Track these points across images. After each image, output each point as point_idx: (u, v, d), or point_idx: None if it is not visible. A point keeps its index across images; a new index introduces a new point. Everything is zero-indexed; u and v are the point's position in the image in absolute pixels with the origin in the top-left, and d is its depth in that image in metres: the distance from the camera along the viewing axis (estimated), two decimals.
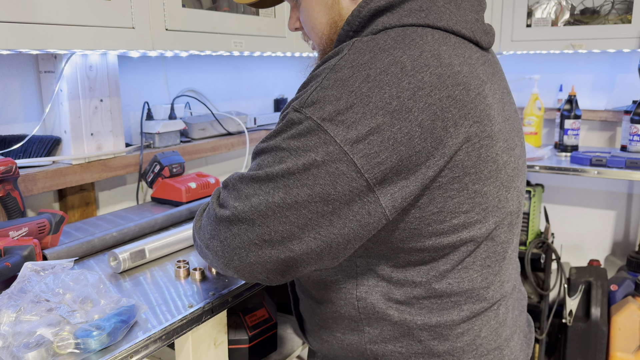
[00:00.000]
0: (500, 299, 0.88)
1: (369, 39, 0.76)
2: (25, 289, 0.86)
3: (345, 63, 0.74)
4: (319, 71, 0.77)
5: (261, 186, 0.76)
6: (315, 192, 0.72)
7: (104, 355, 0.80)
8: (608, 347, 2.11)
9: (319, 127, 0.72)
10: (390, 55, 0.73)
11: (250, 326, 1.30)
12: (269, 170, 0.75)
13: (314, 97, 0.73)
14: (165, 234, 1.24)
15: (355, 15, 0.82)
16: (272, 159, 0.76)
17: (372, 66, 0.72)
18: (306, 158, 0.72)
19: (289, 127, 0.75)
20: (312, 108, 0.73)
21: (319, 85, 0.74)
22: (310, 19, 0.91)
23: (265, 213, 0.75)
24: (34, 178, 1.35)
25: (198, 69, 1.97)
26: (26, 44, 1.05)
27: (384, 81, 0.71)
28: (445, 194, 0.76)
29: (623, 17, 2.27)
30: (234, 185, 0.80)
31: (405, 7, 0.79)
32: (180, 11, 1.35)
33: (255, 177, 0.77)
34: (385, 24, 0.79)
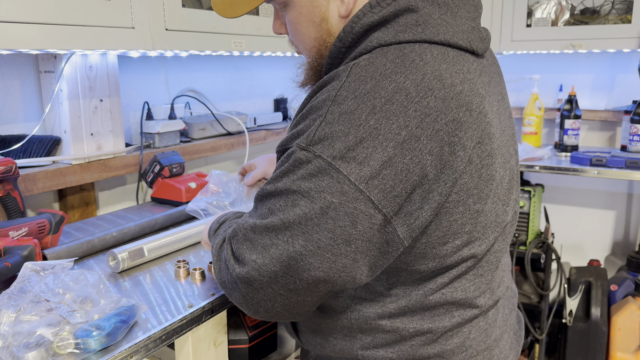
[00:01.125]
0: (492, 304, 0.89)
1: (366, 64, 0.73)
2: (25, 289, 0.86)
3: (347, 93, 0.71)
4: (319, 103, 0.73)
5: (278, 235, 0.73)
6: (337, 234, 0.70)
7: (104, 355, 0.80)
8: (608, 347, 2.11)
9: (330, 166, 0.69)
10: (393, 82, 0.70)
11: (250, 326, 1.30)
12: (284, 216, 0.72)
13: (320, 133, 0.71)
14: (164, 233, 1.24)
15: (348, 31, 0.78)
16: (284, 203, 0.72)
17: (377, 95, 0.70)
18: (322, 201, 0.70)
19: (297, 167, 0.72)
20: (321, 146, 0.70)
21: (323, 120, 0.71)
22: (298, 34, 0.88)
23: (287, 263, 0.72)
24: (34, 178, 1.35)
25: (198, 69, 1.97)
26: (26, 43, 1.05)
27: (391, 111, 0.69)
28: (450, 218, 0.75)
29: (623, 17, 2.27)
30: (247, 235, 0.76)
31: (400, 21, 0.76)
32: (180, 11, 1.35)
33: (270, 226, 0.73)
34: (380, 41, 0.75)
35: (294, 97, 2.50)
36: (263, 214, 0.75)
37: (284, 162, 0.76)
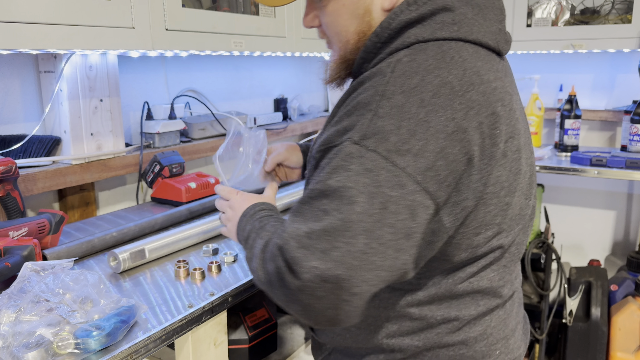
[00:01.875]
0: (510, 295, 0.92)
1: (409, 60, 0.75)
2: (25, 289, 0.86)
3: (395, 88, 0.72)
4: (366, 98, 0.73)
5: (337, 237, 0.69)
6: (398, 229, 0.70)
7: (104, 355, 0.80)
8: (608, 347, 2.11)
9: (386, 160, 0.70)
10: (438, 77, 0.73)
11: (250, 326, 1.30)
12: (342, 216, 0.69)
13: (373, 128, 0.71)
14: (165, 234, 1.24)
15: (385, 27, 0.80)
16: (340, 202, 0.70)
17: (424, 89, 0.71)
18: (381, 196, 0.69)
19: (350, 163, 0.71)
20: (374, 140, 0.70)
21: (374, 115, 0.71)
22: (336, 25, 0.88)
23: (351, 265, 0.69)
24: (34, 178, 1.35)
25: (198, 69, 1.97)
26: (26, 43, 1.05)
27: (438, 104, 0.71)
28: (486, 209, 0.77)
29: (623, 17, 2.27)
30: (301, 242, 0.70)
31: (436, 19, 0.78)
32: (180, 11, 1.35)
33: (329, 228, 0.69)
34: (418, 37, 0.78)
35: (294, 97, 2.50)
36: (317, 217, 0.71)
37: (332, 158, 0.73)
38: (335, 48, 0.91)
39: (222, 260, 1.18)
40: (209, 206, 1.55)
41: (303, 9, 0.97)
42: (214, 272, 1.12)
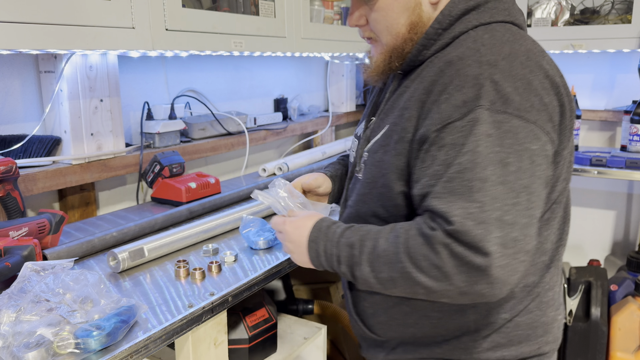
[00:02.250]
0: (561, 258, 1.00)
1: (490, 36, 0.83)
2: (26, 289, 0.86)
3: (495, 57, 0.80)
4: (470, 72, 0.79)
5: (505, 201, 0.73)
6: (543, 179, 0.78)
7: (104, 355, 0.80)
8: (608, 347, 2.11)
9: (520, 118, 0.76)
10: (522, 45, 0.83)
11: (250, 326, 1.30)
12: (502, 179, 0.74)
13: (495, 93, 0.77)
14: (165, 233, 1.24)
15: (447, 14, 0.88)
16: (494, 167, 0.74)
17: (518, 54, 0.81)
18: (527, 152, 0.76)
19: (488, 128, 0.75)
20: (501, 103, 0.77)
21: (491, 81, 0.77)
22: (387, 19, 0.92)
23: (522, 224, 0.74)
24: (34, 178, 1.35)
25: (198, 69, 1.97)
26: (26, 43, 1.05)
27: (533, 65, 0.81)
28: (564, 163, 0.88)
29: (623, 17, 2.27)
30: (477, 217, 0.72)
31: (489, 6, 0.88)
32: (180, 11, 1.35)
33: (496, 194, 0.73)
34: (480, 20, 0.87)
35: (294, 97, 2.50)
36: (477, 189, 0.74)
37: (464, 130, 0.77)
38: (382, 43, 0.95)
39: (222, 260, 1.18)
40: (209, 206, 1.55)
41: (303, 12, 0.98)
42: (214, 272, 1.12)
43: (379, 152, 0.93)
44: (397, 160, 0.88)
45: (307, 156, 2.20)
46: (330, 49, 2.03)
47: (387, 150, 0.90)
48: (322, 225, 0.92)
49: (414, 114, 0.85)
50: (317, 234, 0.91)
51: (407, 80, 0.94)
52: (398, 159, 0.88)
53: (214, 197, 1.59)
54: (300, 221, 0.95)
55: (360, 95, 2.96)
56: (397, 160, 0.88)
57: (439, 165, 0.78)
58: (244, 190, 1.70)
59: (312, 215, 0.96)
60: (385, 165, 0.90)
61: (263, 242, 1.26)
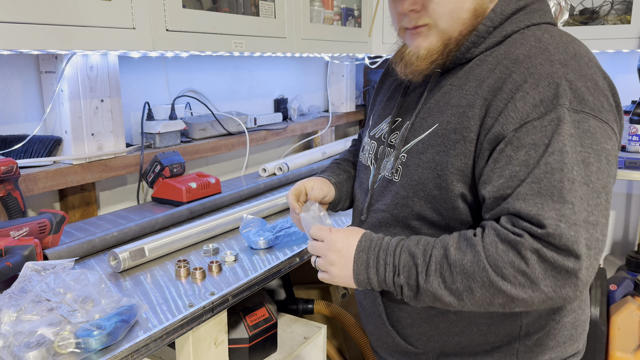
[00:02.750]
0: None
1: (549, 35, 0.83)
2: (26, 288, 0.86)
3: (565, 56, 0.79)
4: (545, 69, 0.78)
5: (590, 201, 0.72)
6: (614, 178, 0.78)
7: (105, 354, 0.80)
8: (607, 346, 2.11)
9: (595, 118, 0.76)
10: (580, 46, 0.83)
11: (251, 326, 1.31)
12: (586, 179, 0.73)
13: (572, 92, 0.76)
14: (165, 233, 1.24)
15: (499, 12, 0.87)
16: (578, 167, 0.73)
17: (582, 54, 0.81)
18: (605, 151, 0.75)
19: (569, 127, 0.74)
20: (577, 102, 0.76)
21: (566, 80, 0.76)
22: (452, 2, 0.86)
23: (603, 224, 0.73)
24: (35, 178, 1.36)
25: (198, 69, 1.97)
26: (27, 44, 1.05)
27: (594, 65, 0.81)
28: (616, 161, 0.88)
29: (622, 18, 2.28)
30: (569, 220, 0.70)
31: (535, 6, 0.88)
32: (181, 12, 1.36)
33: (583, 195, 0.72)
34: (531, 21, 0.87)
35: (294, 97, 2.51)
36: (566, 189, 0.72)
37: (543, 130, 0.75)
38: (442, 29, 0.88)
39: (223, 259, 1.19)
40: (209, 206, 1.55)
41: (303, 12, 0.94)
42: (215, 271, 1.12)
43: (427, 152, 0.87)
44: (457, 160, 0.83)
45: (307, 156, 2.20)
46: (330, 50, 2.03)
47: (441, 150, 0.85)
48: (372, 236, 0.86)
49: (478, 113, 0.82)
50: (368, 244, 0.85)
51: (453, 78, 0.89)
52: (459, 160, 0.83)
53: (215, 197, 1.59)
54: (347, 231, 0.89)
55: (360, 95, 2.97)
56: (458, 160, 0.83)
57: (519, 165, 0.75)
58: (244, 190, 1.70)
59: (358, 229, 0.90)
60: (440, 166, 0.85)
61: (263, 242, 1.27)
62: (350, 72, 2.73)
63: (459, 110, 0.85)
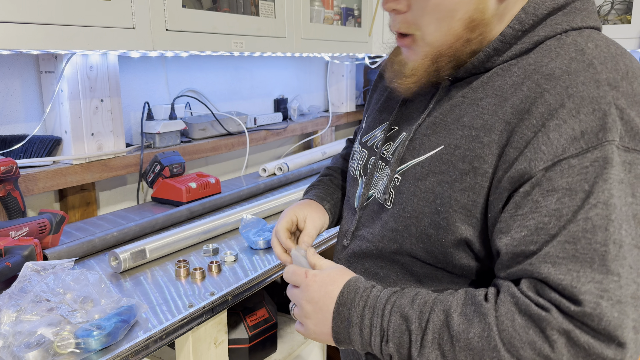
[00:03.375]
0: None
1: (594, 46, 0.66)
2: (26, 288, 0.86)
3: (614, 75, 0.63)
4: (590, 92, 0.61)
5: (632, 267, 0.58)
6: None
7: (105, 354, 0.80)
8: None
9: None
10: (632, 61, 0.67)
11: (251, 326, 1.31)
12: (638, 240, 0.58)
13: (623, 124, 0.60)
14: (165, 233, 1.24)
15: (531, 12, 0.69)
16: (628, 224, 0.58)
17: (635, 73, 0.65)
18: None
19: (618, 171, 0.59)
20: (630, 137, 0.60)
21: (616, 108, 0.60)
22: (440, 10, 0.70)
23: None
24: (35, 178, 1.36)
25: (198, 69, 1.97)
26: (27, 44, 1.05)
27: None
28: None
29: (623, 17, 2.28)
30: (612, 295, 0.56)
31: (577, 5, 0.71)
32: (181, 11, 1.36)
33: (633, 261, 0.57)
34: (571, 24, 0.69)
35: (294, 97, 2.50)
36: (610, 254, 0.57)
37: (583, 173, 0.59)
38: (429, 41, 0.73)
39: (223, 260, 1.18)
40: (209, 206, 1.55)
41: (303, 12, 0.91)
42: (214, 271, 1.12)
43: (426, 179, 0.71)
44: (463, 196, 0.67)
45: (307, 156, 2.20)
46: (330, 49, 2.03)
47: (444, 180, 0.70)
48: (358, 285, 0.71)
49: (496, 140, 0.65)
50: (352, 296, 0.70)
51: (467, 89, 0.73)
52: (465, 196, 0.67)
53: (214, 197, 1.59)
54: (328, 277, 0.73)
55: (360, 95, 2.97)
56: (464, 197, 0.67)
57: (548, 216, 0.59)
58: (244, 190, 1.70)
59: (343, 271, 0.75)
60: (441, 200, 0.69)
61: (263, 242, 1.26)
62: (350, 72, 2.73)
63: (471, 133, 0.68)
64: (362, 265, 0.82)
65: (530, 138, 0.62)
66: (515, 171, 0.62)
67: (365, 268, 0.82)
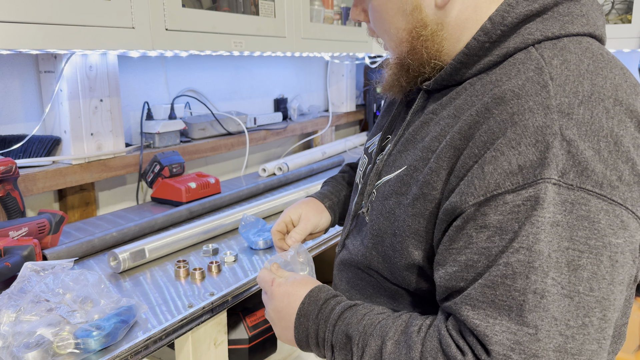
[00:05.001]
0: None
1: (561, 61, 0.59)
2: (25, 289, 0.86)
3: (569, 99, 0.55)
4: (535, 120, 0.55)
5: (569, 323, 0.52)
6: (625, 284, 0.55)
7: (104, 355, 0.80)
8: None
9: (601, 198, 0.53)
10: (607, 79, 0.58)
11: (250, 326, 1.30)
12: (569, 289, 0.52)
13: (568, 158, 0.53)
14: (165, 233, 1.24)
15: (498, 22, 0.63)
16: (558, 271, 0.52)
17: (602, 96, 0.56)
18: (608, 249, 0.53)
19: (553, 212, 0.53)
20: (576, 174, 0.53)
21: (562, 140, 0.53)
22: (383, 23, 0.73)
23: (592, 352, 0.53)
24: (34, 178, 1.35)
25: (198, 69, 1.97)
26: (26, 43, 1.05)
27: (621, 113, 0.56)
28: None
29: (623, 17, 2.28)
30: (526, 349, 0.52)
31: (561, 10, 0.63)
32: (180, 11, 1.35)
33: (557, 314, 0.52)
34: (545, 33, 0.62)
35: (294, 97, 2.50)
36: (530, 303, 0.52)
37: (516, 212, 0.54)
38: (390, 48, 0.76)
39: (222, 260, 1.18)
40: (209, 206, 1.55)
41: (303, 12, 0.93)
42: (214, 272, 1.12)
43: (390, 199, 0.70)
44: (415, 222, 0.66)
45: (307, 156, 2.20)
46: (330, 49, 2.03)
47: (400, 202, 0.68)
48: (320, 297, 0.72)
49: (444, 166, 0.62)
50: (312, 308, 0.71)
51: (435, 103, 0.70)
52: (417, 222, 0.66)
53: (214, 197, 1.59)
54: (291, 287, 0.75)
55: (360, 95, 2.96)
56: (415, 222, 0.66)
57: (477, 253, 0.56)
58: (244, 190, 1.70)
59: (307, 280, 0.76)
60: (398, 223, 0.68)
61: (263, 242, 1.26)
62: (350, 71, 2.73)
63: (427, 156, 0.66)
64: (346, 274, 0.83)
65: (467, 167, 0.59)
66: (449, 204, 0.60)
67: (348, 277, 0.82)
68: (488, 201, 0.56)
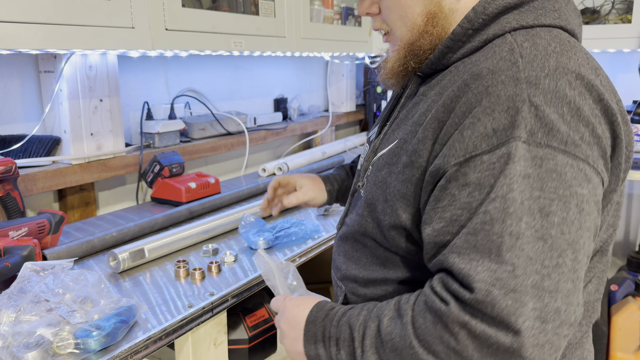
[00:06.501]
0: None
1: (531, 44, 0.67)
2: (25, 289, 0.86)
3: (536, 72, 0.63)
4: (507, 90, 0.63)
5: (544, 262, 0.59)
6: (592, 231, 0.63)
7: (104, 355, 0.80)
8: (608, 347, 2.11)
9: (567, 154, 0.61)
10: (571, 59, 0.66)
11: (250, 326, 1.30)
12: (542, 232, 0.59)
13: (537, 121, 0.61)
14: (165, 233, 1.24)
15: (480, 12, 0.71)
16: (531, 216, 0.59)
17: (566, 70, 0.64)
18: (575, 197, 0.60)
19: (526, 167, 0.60)
20: (544, 133, 0.61)
21: (531, 105, 0.61)
22: (401, 7, 0.77)
23: (567, 290, 0.59)
24: (34, 178, 1.35)
25: (198, 69, 1.97)
26: (26, 43, 1.05)
27: (582, 87, 0.64)
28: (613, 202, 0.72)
29: (623, 17, 2.27)
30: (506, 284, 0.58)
31: (536, 5, 0.71)
32: (180, 11, 1.35)
33: (533, 254, 0.59)
34: (520, 22, 0.70)
35: (294, 97, 2.50)
36: (509, 245, 0.59)
37: (492, 168, 0.61)
38: (398, 36, 0.81)
39: (222, 260, 1.18)
40: (209, 206, 1.55)
41: (303, 12, 0.94)
42: (214, 272, 1.12)
43: (383, 170, 0.78)
44: (403, 187, 0.73)
45: (307, 156, 2.20)
46: (330, 49, 2.03)
47: (392, 171, 0.76)
48: (325, 306, 0.77)
49: (429, 135, 0.69)
50: (320, 314, 0.76)
51: (426, 86, 0.78)
52: (405, 187, 0.73)
53: (214, 197, 1.59)
54: (301, 300, 0.81)
55: (360, 95, 2.96)
56: (404, 187, 0.73)
57: (460, 208, 0.63)
58: (244, 190, 1.70)
59: (315, 297, 0.83)
60: (389, 189, 0.75)
61: (263, 242, 1.26)
62: (350, 71, 2.73)
63: (415, 129, 0.74)
64: (343, 247, 0.90)
65: (449, 134, 0.66)
66: (434, 166, 0.67)
67: (345, 250, 0.89)
68: (467, 162, 0.63)
